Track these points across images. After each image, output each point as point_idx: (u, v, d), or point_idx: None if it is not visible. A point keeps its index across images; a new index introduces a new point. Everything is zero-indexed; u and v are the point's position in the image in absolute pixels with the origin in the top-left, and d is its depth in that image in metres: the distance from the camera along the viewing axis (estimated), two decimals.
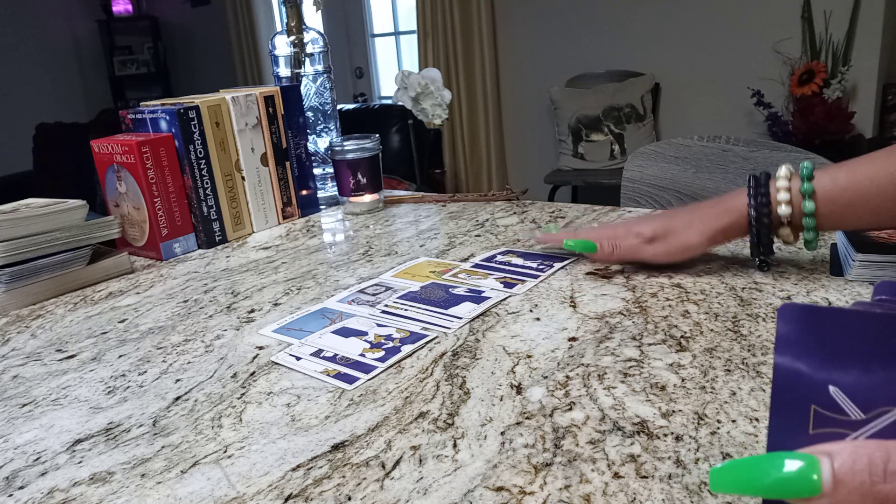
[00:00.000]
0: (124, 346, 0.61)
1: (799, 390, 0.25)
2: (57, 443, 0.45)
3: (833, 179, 0.57)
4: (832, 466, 0.22)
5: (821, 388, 0.25)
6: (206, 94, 0.96)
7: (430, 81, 1.20)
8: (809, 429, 0.25)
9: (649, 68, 2.91)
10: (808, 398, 0.25)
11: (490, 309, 0.61)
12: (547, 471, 0.38)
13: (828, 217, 0.57)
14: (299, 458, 0.41)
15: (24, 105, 4.31)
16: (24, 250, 0.73)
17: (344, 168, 1.01)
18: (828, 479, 0.22)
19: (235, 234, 0.95)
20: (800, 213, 0.58)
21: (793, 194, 0.58)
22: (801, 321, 0.25)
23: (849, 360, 0.24)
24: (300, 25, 1.07)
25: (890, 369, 0.24)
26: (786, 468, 0.23)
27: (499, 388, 0.47)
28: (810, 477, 0.22)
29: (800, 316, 0.25)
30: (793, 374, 0.25)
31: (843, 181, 0.56)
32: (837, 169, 0.57)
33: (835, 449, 0.23)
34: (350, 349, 0.55)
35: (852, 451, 0.22)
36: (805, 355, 0.25)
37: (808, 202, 0.57)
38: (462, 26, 3.31)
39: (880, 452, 0.22)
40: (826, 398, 0.24)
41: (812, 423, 0.25)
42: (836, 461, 0.22)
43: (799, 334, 0.25)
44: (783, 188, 0.58)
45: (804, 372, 0.25)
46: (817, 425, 0.25)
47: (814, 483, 0.22)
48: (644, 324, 0.55)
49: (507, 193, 1.04)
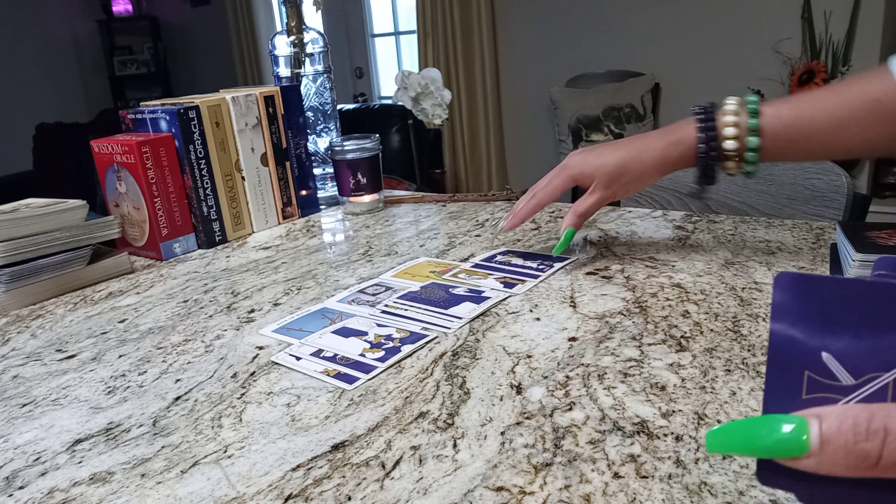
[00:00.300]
0: (124, 346, 0.61)
1: (793, 356, 0.26)
2: (57, 443, 0.45)
3: (778, 116, 0.60)
4: (820, 427, 0.24)
5: (814, 355, 0.25)
6: (206, 94, 0.96)
7: (430, 81, 1.20)
8: (803, 394, 0.26)
9: (649, 68, 2.91)
10: (801, 364, 0.26)
11: (490, 309, 0.61)
12: (547, 471, 0.38)
13: (769, 151, 0.60)
14: (299, 458, 0.41)
15: (24, 105, 4.31)
16: (24, 250, 0.73)
17: (344, 168, 1.01)
18: (815, 440, 0.23)
19: (235, 234, 0.95)
20: (744, 147, 0.60)
21: (740, 129, 0.60)
22: (797, 289, 0.26)
23: (841, 327, 0.25)
24: (300, 25, 1.07)
25: (880, 336, 0.24)
26: (778, 430, 0.24)
27: (499, 388, 0.47)
28: (800, 437, 0.24)
29: (795, 284, 0.26)
30: (788, 340, 0.26)
31: (787, 118, 0.59)
32: (783, 105, 0.60)
33: (823, 412, 0.24)
34: (350, 349, 0.55)
35: (839, 413, 0.24)
36: (799, 322, 0.26)
37: (753, 137, 0.60)
38: (462, 26, 3.31)
39: (865, 414, 0.23)
40: (819, 364, 0.25)
41: (805, 388, 0.26)
42: (825, 423, 0.24)
43: (793, 301, 0.26)
44: (731, 123, 0.60)
45: (798, 339, 0.26)
46: (810, 390, 0.25)
47: (803, 443, 0.24)
48: (644, 324, 0.55)
49: (507, 193, 1.04)
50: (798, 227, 0.76)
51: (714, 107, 0.62)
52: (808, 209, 0.94)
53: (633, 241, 0.76)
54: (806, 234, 0.74)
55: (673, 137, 0.63)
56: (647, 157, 0.64)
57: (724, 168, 0.63)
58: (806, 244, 0.70)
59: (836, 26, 2.44)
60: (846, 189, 0.90)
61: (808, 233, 0.74)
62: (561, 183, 0.68)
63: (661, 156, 0.64)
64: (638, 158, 0.64)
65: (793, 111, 0.59)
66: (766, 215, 0.89)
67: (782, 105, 0.60)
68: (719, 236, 0.75)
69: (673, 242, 0.75)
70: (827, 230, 0.74)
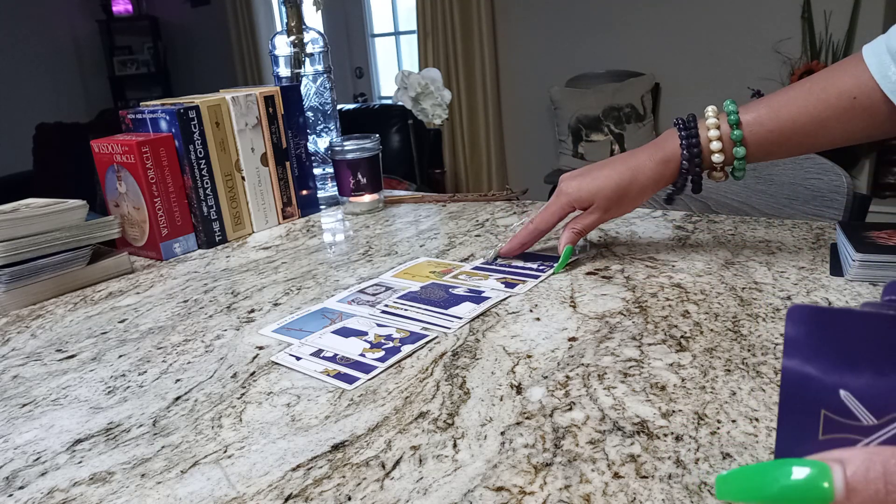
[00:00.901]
0: (124, 346, 0.61)
1: (808, 394, 0.24)
2: (57, 443, 0.45)
3: (759, 123, 0.61)
4: (844, 474, 0.21)
5: (831, 393, 0.24)
6: (206, 94, 0.96)
7: (430, 81, 1.20)
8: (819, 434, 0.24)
9: (649, 68, 2.91)
10: (818, 403, 0.24)
11: (490, 309, 0.61)
12: (547, 471, 0.38)
13: (755, 155, 0.62)
14: (299, 458, 0.41)
15: (24, 105, 4.31)
16: (24, 250, 0.73)
17: (344, 168, 1.01)
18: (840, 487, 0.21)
19: (235, 234, 0.95)
20: (731, 157, 0.62)
21: (724, 142, 0.62)
22: (811, 323, 0.24)
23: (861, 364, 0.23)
24: (300, 25, 1.07)
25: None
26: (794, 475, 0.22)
27: (499, 388, 0.47)
28: (821, 485, 0.21)
29: (809, 317, 0.24)
30: (802, 377, 0.24)
31: (768, 123, 0.61)
32: (760, 108, 0.61)
33: (846, 455, 0.21)
34: (350, 349, 0.55)
35: (866, 457, 0.21)
36: (815, 358, 0.24)
37: (740, 148, 0.61)
38: (462, 26, 3.31)
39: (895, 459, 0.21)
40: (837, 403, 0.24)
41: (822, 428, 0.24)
42: (849, 468, 0.21)
43: (808, 336, 0.24)
44: (715, 137, 0.62)
45: (814, 375, 0.24)
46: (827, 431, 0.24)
47: (825, 491, 0.21)
48: (644, 324, 0.55)
49: (507, 193, 1.04)
50: (798, 227, 0.76)
51: (694, 120, 0.64)
52: (808, 209, 0.94)
53: (633, 241, 0.76)
54: (806, 234, 0.74)
55: (662, 155, 0.64)
56: (642, 179, 0.65)
57: (712, 177, 0.64)
58: (806, 244, 0.70)
59: (836, 26, 2.44)
60: (846, 189, 0.90)
61: (808, 233, 0.74)
62: (558, 210, 0.69)
63: (654, 175, 0.65)
64: (634, 181, 0.65)
65: (772, 114, 0.61)
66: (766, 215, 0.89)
67: (760, 108, 0.61)
68: (719, 236, 0.75)
69: (673, 242, 0.75)
70: (827, 230, 0.74)
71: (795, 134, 0.60)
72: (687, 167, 0.63)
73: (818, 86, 0.60)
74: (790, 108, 0.60)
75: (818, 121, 0.59)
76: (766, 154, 0.63)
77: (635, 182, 0.65)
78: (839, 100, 0.58)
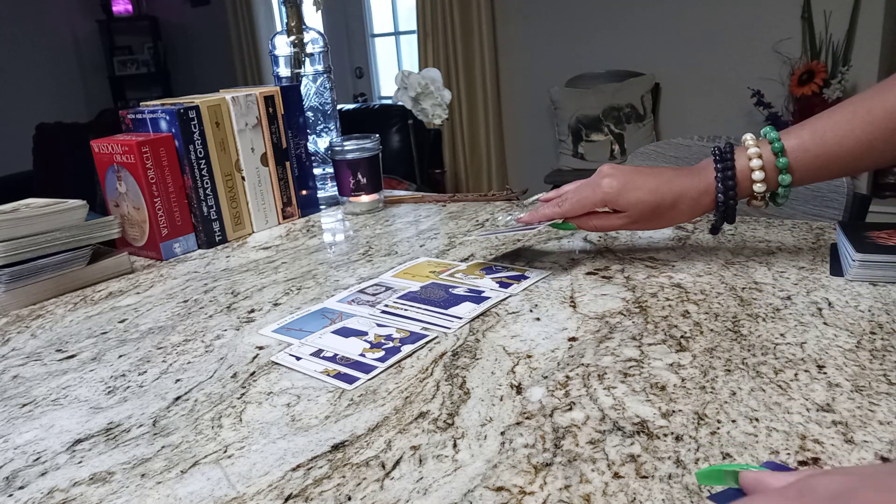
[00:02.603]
0: (124, 346, 0.61)
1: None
2: (57, 443, 0.45)
3: (804, 149, 0.59)
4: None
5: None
6: (206, 94, 0.96)
7: (430, 81, 1.20)
8: None
9: (649, 68, 2.91)
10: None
11: (490, 309, 0.61)
12: (547, 471, 0.38)
13: (799, 182, 0.61)
14: (299, 458, 0.41)
15: (24, 105, 4.31)
16: (24, 250, 0.73)
17: (344, 168, 1.01)
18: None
19: (235, 234, 0.95)
20: (775, 185, 0.61)
21: (767, 170, 0.60)
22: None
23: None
24: (300, 25, 1.07)
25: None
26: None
27: (499, 388, 0.47)
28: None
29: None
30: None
31: (813, 149, 0.59)
32: (803, 134, 0.60)
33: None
34: (350, 349, 0.55)
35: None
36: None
37: (785, 175, 0.60)
38: (462, 26, 3.31)
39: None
40: None
41: None
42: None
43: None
44: (757, 167, 0.60)
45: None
46: None
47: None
48: (644, 324, 0.55)
49: (507, 193, 1.04)
50: (798, 227, 0.76)
51: (731, 150, 0.61)
52: (808, 209, 0.94)
53: (633, 241, 0.76)
54: (806, 234, 0.74)
55: (704, 186, 0.63)
56: (682, 207, 0.64)
57: (752, 205, 0.63)
58: (806, 244, 0.70)
59: (836, 26, 2.44)
60: (846, 189, 0.90)
61: (808, 233, 0.74)
62: (592, 203, 0.67)
63: (692, 205, 0.63)
64: (675, 206, 0.64)
65: (817, 140, 0.59)
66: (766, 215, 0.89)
67: (804, 134, 0.60)
68: (719, 236, 0.75)
69: (673, 242, 0.75)
70: (827, 230, 0.74)
71: (841, 158, 0.59)
72: (723, 200, 0.61)
73: (863, 108, 0.58)
74: (836, 131, 0.58)
75: (865, 143, 0.58)
76: (810, 179, 0.61)
77: (675, 208, 0.64)
78: (886, 121, 0.57)
